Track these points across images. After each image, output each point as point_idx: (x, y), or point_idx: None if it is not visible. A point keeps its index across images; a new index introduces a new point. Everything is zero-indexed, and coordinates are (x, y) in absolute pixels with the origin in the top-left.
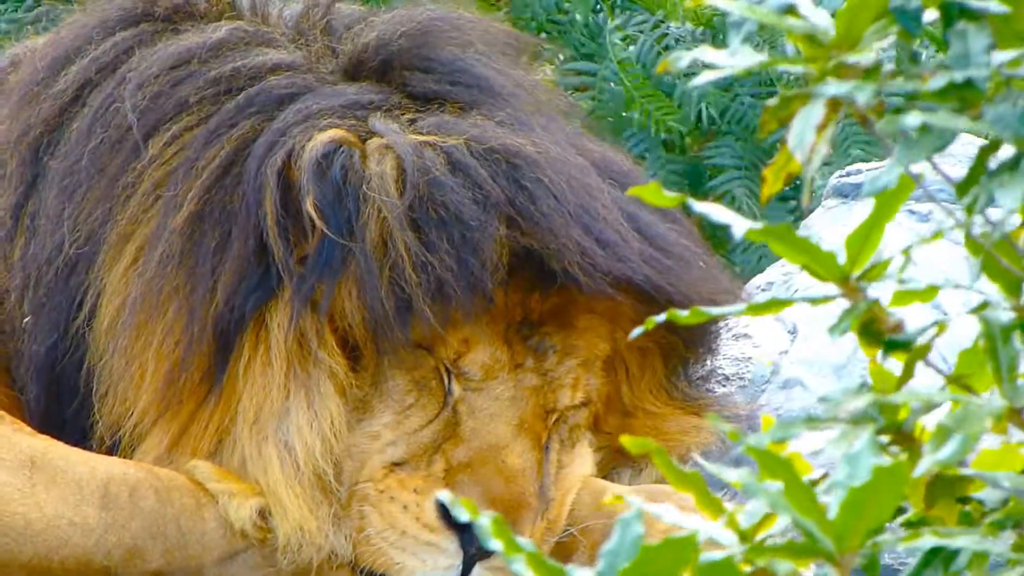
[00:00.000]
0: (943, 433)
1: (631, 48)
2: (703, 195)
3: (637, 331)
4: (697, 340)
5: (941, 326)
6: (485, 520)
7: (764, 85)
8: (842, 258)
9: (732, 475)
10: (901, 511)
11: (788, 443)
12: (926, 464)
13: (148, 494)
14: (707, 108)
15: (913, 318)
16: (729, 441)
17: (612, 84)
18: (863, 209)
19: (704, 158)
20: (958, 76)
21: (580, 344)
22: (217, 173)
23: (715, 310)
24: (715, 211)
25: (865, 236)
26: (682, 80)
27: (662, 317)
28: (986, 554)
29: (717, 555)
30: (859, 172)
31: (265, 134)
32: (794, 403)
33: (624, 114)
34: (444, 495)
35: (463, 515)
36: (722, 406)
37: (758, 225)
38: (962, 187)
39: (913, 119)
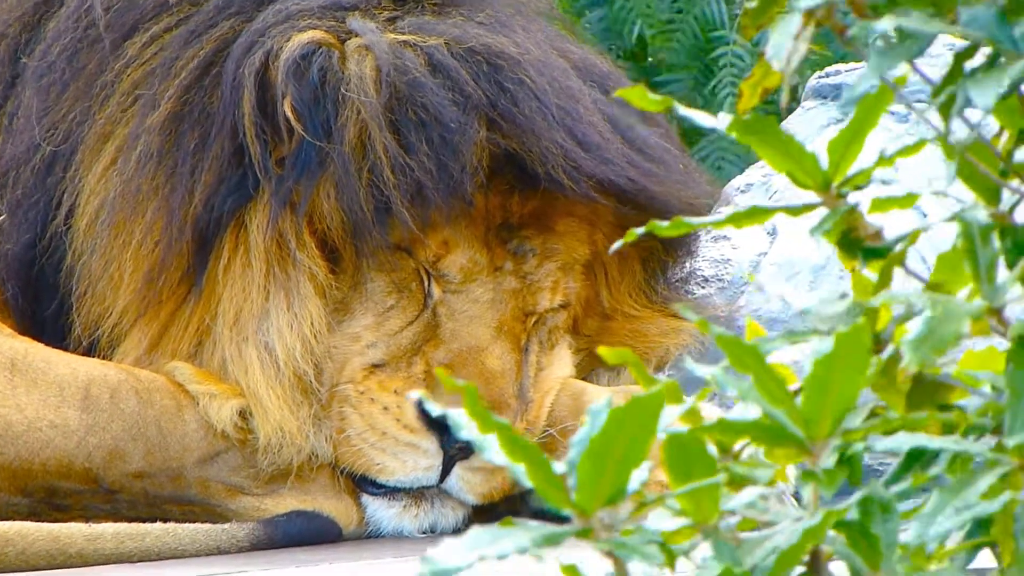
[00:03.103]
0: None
1: None
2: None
3: (617, 245)
4: (676, 243)
5: (915, 234)
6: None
7: None
8: (823, 164)
9: (705, 370)
10: (875, 414)
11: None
12: (907, 356)
13: (129, 395)
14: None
15: (894, 224)
16: (709, 343)
17: None
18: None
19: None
20: None
21: (559, 247)
22: (196, 74)
23: (696, 220)
24: (700, 116)
25: (847, 144)
26: None
27: (642, 230)
28: (969, 456)
29: (684, 428)
30: (838, 72)
31: (244, 35)
32: (773, 305)
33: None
34: (419, 393)
35: (435, 410)
36: (701, 308)
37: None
38: (937, 91)
39: (886, 23)
